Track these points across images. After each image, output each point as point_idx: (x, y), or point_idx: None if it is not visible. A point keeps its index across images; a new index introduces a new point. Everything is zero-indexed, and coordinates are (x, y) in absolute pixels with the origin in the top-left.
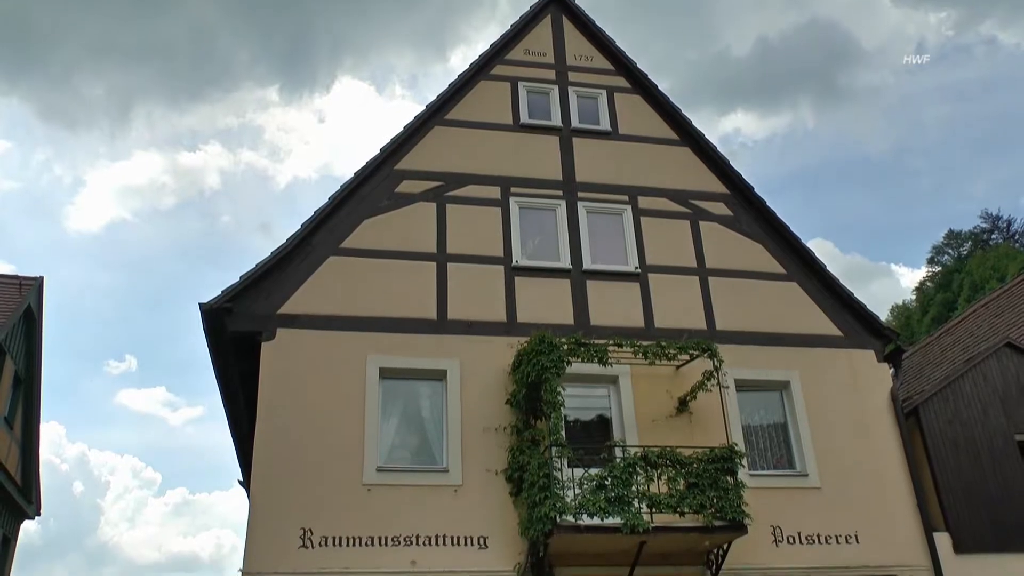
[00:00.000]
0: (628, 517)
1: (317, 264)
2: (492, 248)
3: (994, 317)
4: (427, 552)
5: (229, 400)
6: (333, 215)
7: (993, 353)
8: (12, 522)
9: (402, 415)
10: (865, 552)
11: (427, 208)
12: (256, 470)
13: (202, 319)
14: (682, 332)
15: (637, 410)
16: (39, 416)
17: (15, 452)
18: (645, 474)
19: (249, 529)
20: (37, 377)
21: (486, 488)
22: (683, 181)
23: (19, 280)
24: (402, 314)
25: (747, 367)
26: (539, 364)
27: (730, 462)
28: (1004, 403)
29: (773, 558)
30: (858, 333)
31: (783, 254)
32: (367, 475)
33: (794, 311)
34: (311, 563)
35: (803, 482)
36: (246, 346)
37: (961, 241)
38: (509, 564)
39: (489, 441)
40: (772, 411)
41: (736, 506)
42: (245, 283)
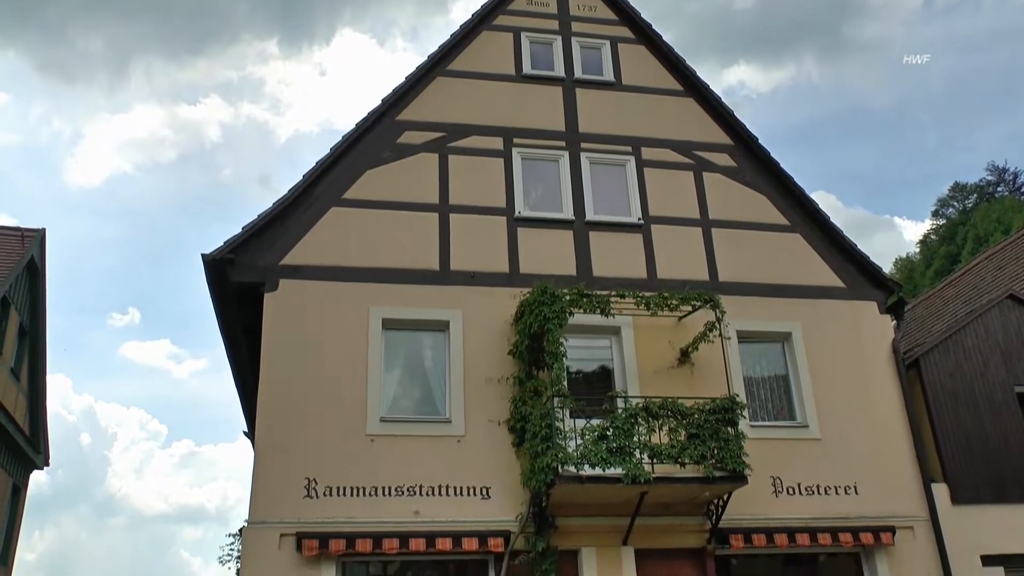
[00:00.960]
0: (629, 467)
1: (319, 215)
2: (494, 199)
3: (997, 269)
4: (430, 502)
5: (233, 352)
6: (335, 166)
7: (995, 305)
8: (21, 472)
9: (405, 366)
10: (864, 503)
11: (429, 159)
12: (260, 421)
13: (205, 270)
14: (684, 283)
15: (639, 361)
16: (45, 368)
17: (22, 403)
18: (646, 425)
19: (254, 479)
20: (42, 329)
21: (488, 439)
22: (687, 132)
23: (21, 232)
24: (404, 265)
25: (749, 318)
26: (541, 315)
27: (731, 413)
28: (1005, 355)
29: (773, 509)
30: (861, 285)
31: (787, 205)
32: (370, 426)
33: (797, 262)
34: (316, 513)
35: (803, 433)
36: (249, 297)
37: (966, 194)
38: (511, 514)
39: (491, 392)
40: (773, 362)
41: (736, 457)
42: (247, 234)
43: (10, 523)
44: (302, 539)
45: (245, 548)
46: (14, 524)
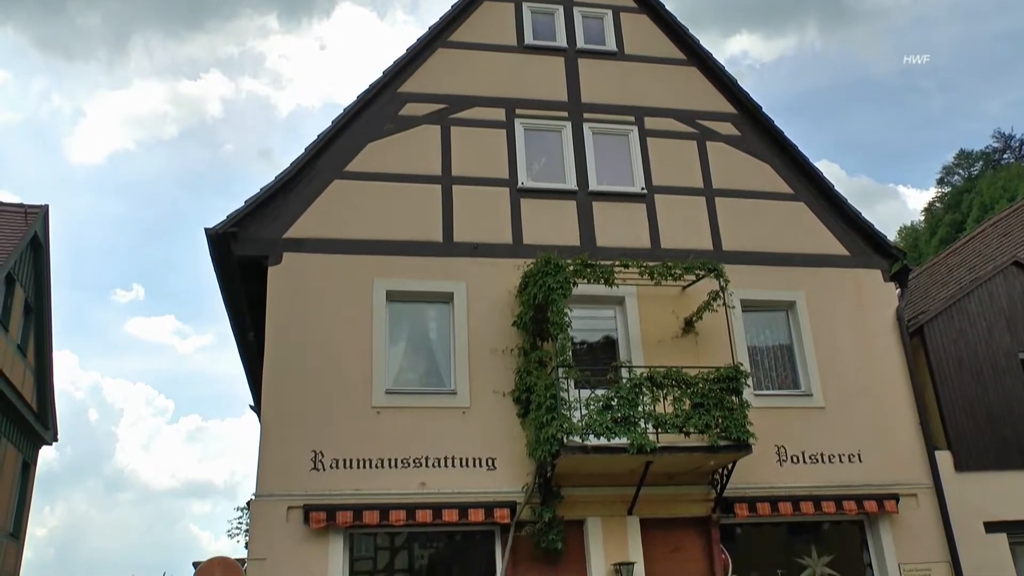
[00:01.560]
0: (634, 437)
1: (322, 188)
2: (497, 170)
3: (1002, 236)
4: (436, 474)
5: (238, 326)
6: (337, 138)
7: (1000, 272)
8: (31, 447)
9: (409, 338)
10: (867, 471)
11: (431, 131)
12: (266, 394)
13: (208, 244)
14: (688, 253)
15: (643, 331)
16: (51, 344)
17: (30, 379)
18: (651, 394)
19: (261, 453)
20: (47, 305)
21: (494, 410)
22: (690, 101)
23: (24, 208)
24: (408, 237)
25: (753, 287)
26: (545, 285)
27: (735, 382)
28: (1009, 321)
29: (777, 477)
30: (865, 253)
31: (790, 174)
32: (376, 398)
33: (801, 231)
34: (322, 485)
35: (807, 402)
36: (253, 271)
37: (972, 161)
38: (517, 485)
39: (496, 363)
40: (777, 331)
41: (741, 426)
42: (250, 208)
43: (21, 498)
44: (309, 511)
45: (253, 521)
46: (25, 499)
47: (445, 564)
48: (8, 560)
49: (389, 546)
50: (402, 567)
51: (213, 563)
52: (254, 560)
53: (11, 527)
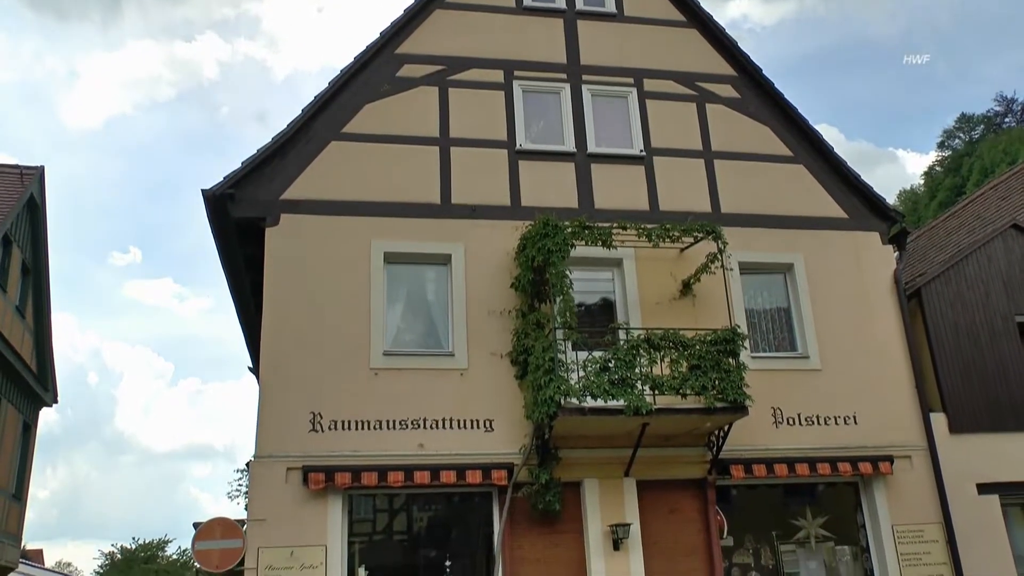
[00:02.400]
0: (631, 399)
1: (319, 149)
2: (495, 132)
3: (1001, 200)
4: (434, 435)
5: (236, 288)
6: (334, 100)
7: (999, 235)
8: (31, 409)
9: (407, 299)
10: (863, 433)
11: (429, 92)
12: (264, 356)
13: (205, 206)
14: (687, 215)
15: (641, 293)
16: (49, 306)
17: (28, 341)
18: (648, 356)
19: (259, 414)
20: (44, 267)
21: (491, 371)
22: (689, 63)
23: (20, 169)
24: (406, 199)
25: (751, 250)
26: (544, 247)
27: (732, 344)
28: (1007, 284)
29: (773, 439)
30: (863, 215)
31: (790, 136)
32: (374, 359)
33: (800, 194)
34: (321, 446)
35: (804, 364)
36: (251, 233)
37: (973, 125)
38: (515, 446)
39: (494, 325)
40: (775, 294)
41: (737, 388)
42: (247, 169)
43: (22, 460)
44: (308, 473)
45: (252, 482)
46: (26, 461)
47: (443, 525)
48: (11, 520)
49: (388, 508)
50: (400, 528)
51: (213, 524)
52: (254, 521)
53: (13, 488)
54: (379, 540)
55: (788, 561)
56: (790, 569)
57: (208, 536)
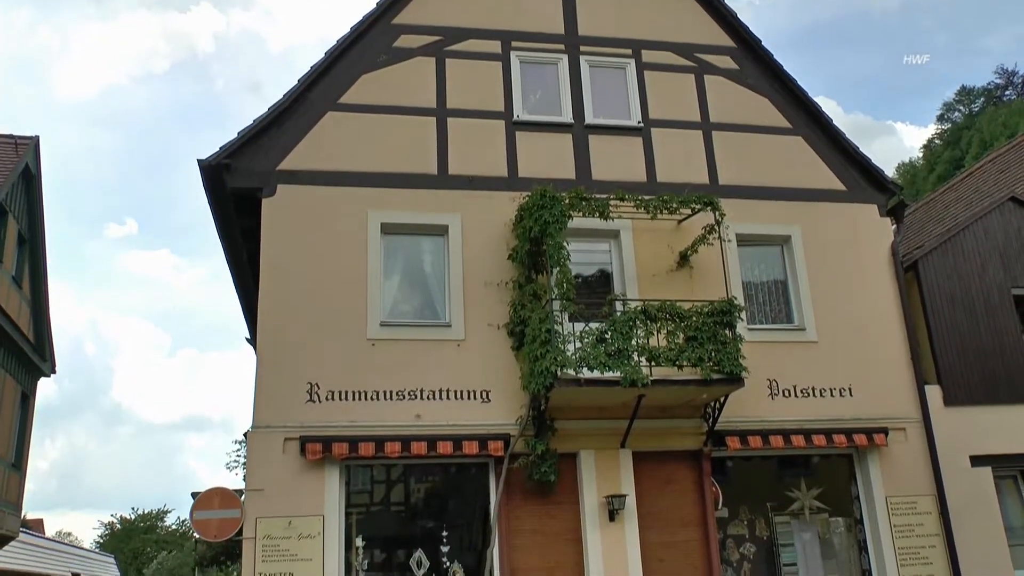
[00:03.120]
0: (627, 370)
1: (315, 120)
2: (493, 103)
3: (1000, 173)
4: (430, 406)
5: (233, 259)
6: (330, 70)
7: (996, 207)
8: (29, 379)
9: (404, 270)
10: (858, 405)
11: (426, 63)
12: (262, 327)
13: (201, 176)
14: (684, 186)
15: (638, 264)
16: (46, 276)
17: (26, 311)
18: (645, 328)
19: (257, 385)
20: (41, 237)
21: (488, 342)
22: (688, 34)
23: (14, 139)
24: (403, 169)
25: (749, 222)
26: (541, 218)
27: (729, 316)
28: (1004, 257)
29: (768, 411)
30: (861, 187)
31: (789, 108)
32: (371, 330)
33: (798, 165)
34: (318, 417)
35: (800, 336)
36: (247, 203)
37: (973, 98)
38: (511, 417)
39: (491, 296)
40: (772, 266)
41: (734, 359)
42: (243, 139)
43: (21, 430)
44: (305, 443)
45: (250, 452)
46: (25, 431)
47: (440, 496)
48: (11, 490)
49: (385, 479)
50: (397, 499)
51: (212, 494)
52: (252, 491)
53: (12, 458)
54: (376, 511)
55: (782, 532)
56: (784, 540)
57: (206, 506)
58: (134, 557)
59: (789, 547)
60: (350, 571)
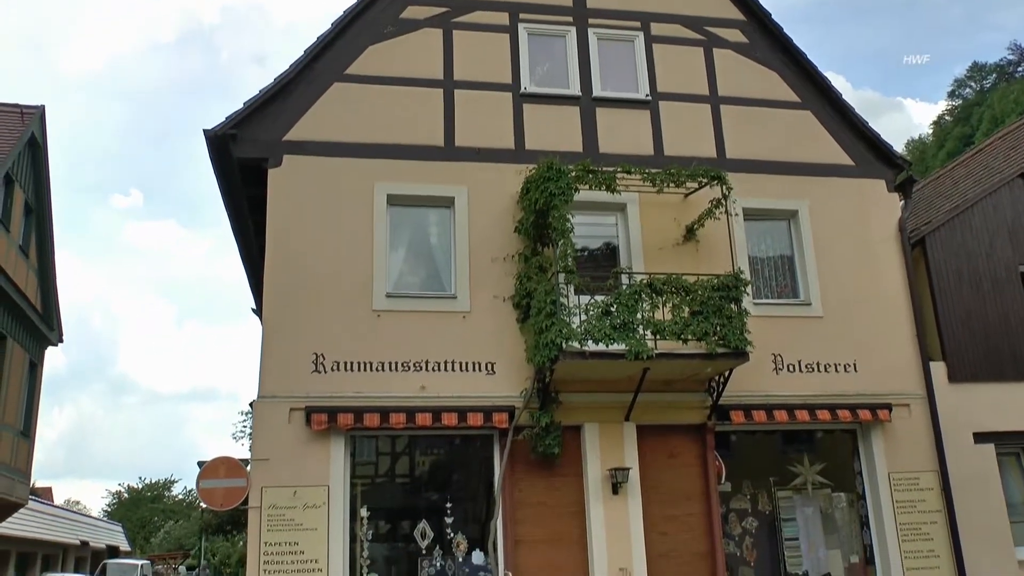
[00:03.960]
0: (632, 344)
1: (322, 91)
2: (500, 75)
3: (1010, 149)
4: (436, 377)
5: (239, 229)
6: (337, 41)
7: (1006, 184)
8: (37, 348)
9: (410, 242)
10: (863, 380)
11: (433, 34)
12: (267, 297)
13: (207, 146)
14: (692, 160)
15: (644, 238)
16: (53, 245)
17: (33, 280)
18: (650, 301)
19: (262, 355)
20: (47, 207)
21: (494, 315)
22: (697, 7)
23: (20, 109)
24: (409, 141)
25: (756, 196)
26: (547, 191)
27: (735, 290)
28: (1012, 234)
29: (773, 385)
30: (870, 163)
31: (798, 82)
32: (376, 301)
33: (806, 140)
34: (324, 387)
35: (806, 311)
36: (253, 174)
37: (985, 74)
38: (516, 389)
39: (497, 268)
40: (779, 240)
41: (739, 334)
42: (250, 109)
43: (29, 398)
44: (311, 413)
45: (256, 422)
46: (33, 399)
47: (444, 468)
48: (20, 458)
49: (390, 450)
50: (403, 471)
51: (218, 463)
52: (257, 460)
53: (21, 426)
54: (381, 482)
55: (785, 507)
56: (786, 515)
57: (212, 475)
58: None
59: (791, 522)
60: (355, 541)
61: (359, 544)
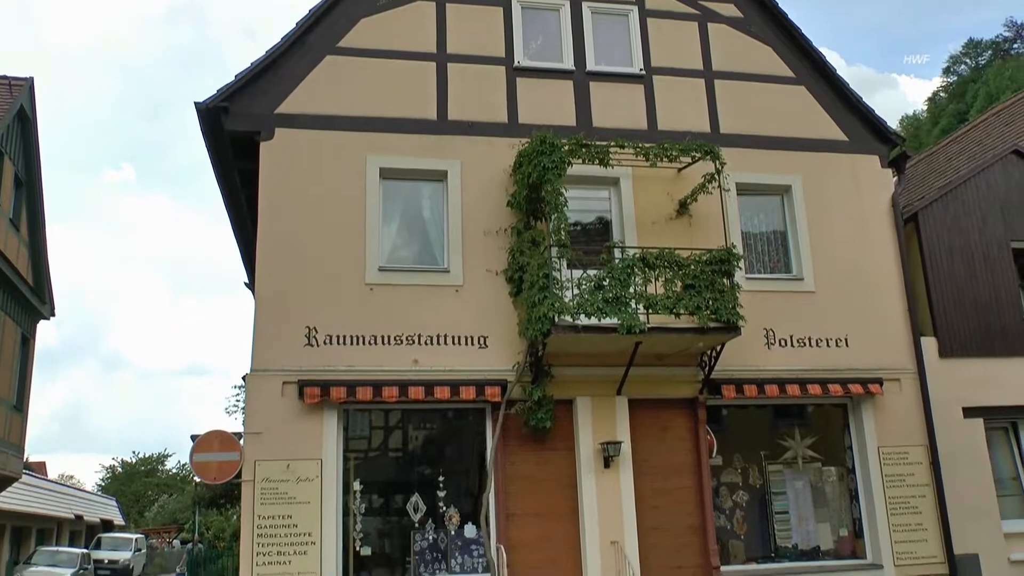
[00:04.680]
0: (624, 318)
1: (314, 64)
2: (493, 49)
3: (1004, 126)
4: (428, 351)
5: (231, 203)
6: (329, 13)
7: (999, 160)
8: (29, 322)
9: (403, 216)
10: (854, 355)
11: (426, 7)
12: (260, 270)
13: (199, 119)
14: (685, 134)
15: (637, 212)
16: (44, 219)
17: (24, 253)
18: (643, 275)
19: (255, 329)
20: (37, 180)
21: (486, 288)
22: None
23: (8, 80)
24: (402, 114)
25: (749, 171)
26: (540, 165)
27: (727, 264)
28: (1004, 210)
29: (764, 360)
30: (864, 138)
31: (793, 57)
32: (369, 275)
33: (800, 115)
34: (316, 361)
35: (798, 286)
36: (245, 147)
37: (980, 51)
38: (508, 363)
39: (489, 242)
40: (772, 216)
41: (731, 308)
42: (241, 82)
43: (21, 372)
44: (304, 387)
45: (248, 395)
46: (25, 373)
47: (437, 442)
48: (13, 432)
49: (383, 424)
50: (395, 445)
51: (211, 436)
52: (250, 434)
53: (14, 399)
54: (374, 456)
55: (775, 481)
56: (777, 489)
57: (206, 448)
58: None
59: (781, 495)
60: (348, 515)
61: (352, 517)
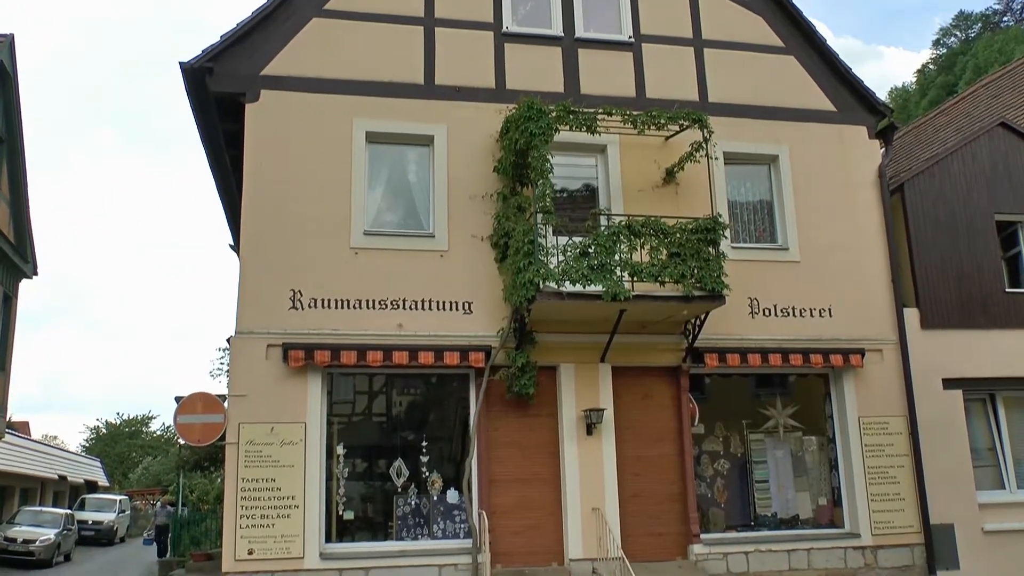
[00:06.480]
0: (609, 285)
1: (300, 25)
2: (481, 13)
3: (992, 98)
4: (413, 316)
5: (217, 165)
6: None
7: (986, 133)
8: (11, 280)
9: (389, 180)
10: (837, 325)
11: None
12: (245, 233)
13: (183, 79)
14: (673, 103)
15: (624, 180)
16: (26, 176)
17: (5, 211)
18: (628, 243)
19: (240, 291)
20: (19, 138)
21: (471, 254)
22: None
23: None
24: (389, 78)
25: (737, 140)
26: (527, 131)
27: (713, 233)
28: (990, 183)
29: (748, 329)
30: (852, 108)
31: (782, 27)
32: (354, 239)
33: (789, 85)
34: (301, 324)
35: (783, 256)
36: (231, 109)
37: (970, 23)
38: (493, 329)
39: (475, 207)
40: (759, 185)
41: (716, 277)
42: (226, 42)
43: (4, 331)
44: (288, 349)
45: (233, 357)
46: (8, 332)
47: (420, 407)
48: None
49: (367, 389)
50: (379, 410)
51: (195, 398)
52: (235, 396)
53: None
54: (358, 420)
55: (756, 449)
56: (757, 457)
57: (190, 410)
58: (120, 462)
59: (762, 464)
60: (331, 479)
61: (335, 481)
